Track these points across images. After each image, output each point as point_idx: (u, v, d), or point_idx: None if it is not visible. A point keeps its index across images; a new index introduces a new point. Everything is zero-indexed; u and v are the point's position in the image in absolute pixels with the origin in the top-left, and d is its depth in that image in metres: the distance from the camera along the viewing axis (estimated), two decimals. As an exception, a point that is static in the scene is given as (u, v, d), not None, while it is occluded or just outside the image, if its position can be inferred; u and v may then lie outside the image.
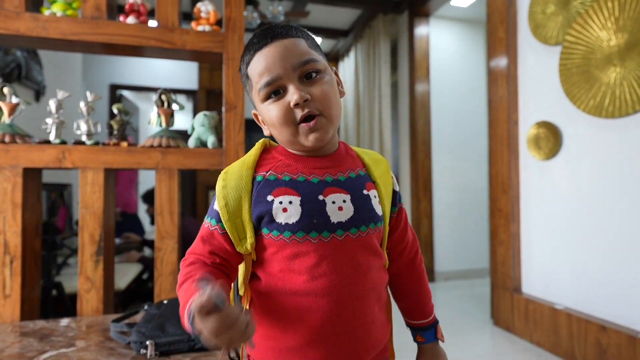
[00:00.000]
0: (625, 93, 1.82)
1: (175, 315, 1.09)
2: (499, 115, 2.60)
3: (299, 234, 0.57)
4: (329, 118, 0.60)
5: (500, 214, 2.60)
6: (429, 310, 0.76)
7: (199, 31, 1.48)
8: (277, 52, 0.58)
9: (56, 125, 1.35)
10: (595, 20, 1.96)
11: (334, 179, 0.61)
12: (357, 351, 0.60)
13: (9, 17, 1.29)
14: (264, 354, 0.61)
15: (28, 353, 0.98)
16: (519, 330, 2.41)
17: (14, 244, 1.28)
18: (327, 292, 0.57)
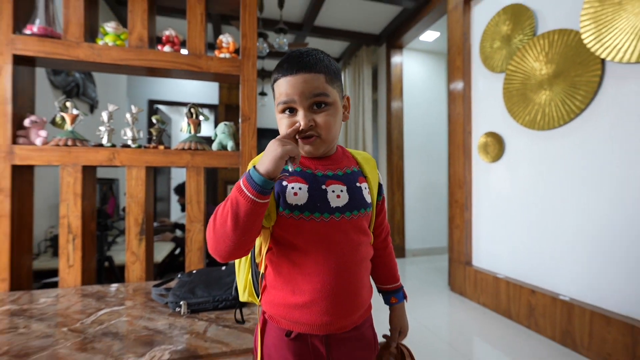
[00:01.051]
0: (552, 111, 1.84)
1: (203, 282, 1.09)
2: (457, 127, 2.61)
3: (305, 214, 0.58)
4: (324, 140, 0.60)
5: (456, 204, 2.62)
6: (398, 277, 0.78)
7: (220, 58, 1.47)
8: (298, 82, 0.57)
9: (107, 132, 1.35)
10: (530, 54, 1.97)
11: (334, 173, 0.63)
12: (350, 308, 0.61)
13: (71, 46, 1.29)
14: (276, 311, 0.62)
15: (88, 310, 1.00)
16: (469, 294, 2.43)
17: (76, 225, 1.29)
18: (327, 261, 0.58)
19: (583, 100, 1.69)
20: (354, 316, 0.62)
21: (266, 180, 0.50)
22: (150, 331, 0.86)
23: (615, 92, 1.58)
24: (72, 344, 0.79)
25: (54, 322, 0.91)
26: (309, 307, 0.58)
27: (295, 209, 0.58)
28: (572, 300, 1.72)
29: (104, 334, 0.84)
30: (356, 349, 0.63)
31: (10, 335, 0.84)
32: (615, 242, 1.57)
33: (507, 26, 2.15)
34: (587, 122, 1.70)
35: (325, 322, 0.59)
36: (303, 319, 0.59)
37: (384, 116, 4.01)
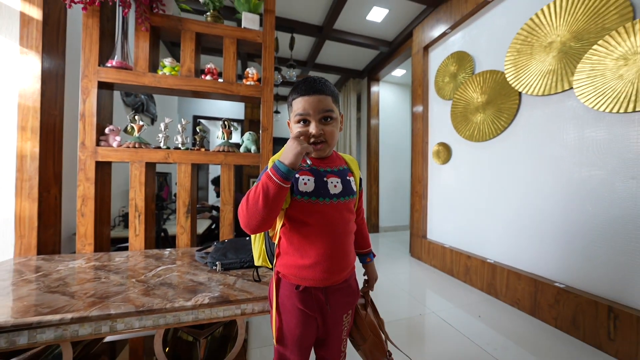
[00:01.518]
0: (485, 128, 1.85)
1: (232, 248, 1.08)
2: (418, 139, 2.60)
3: (312, 198, 0.58)
4: (329, 145, 0.61)
5: (416, 194, 2.62)
6: (370, 243, 0.78)
7: (247, 85, 1.46)
8: (313, 101, 0.57)
9: (164, 138, 1.34)
10: (470, 87, 1.97)
11: (332, 169, 0.63)
12: (342, 266, 0.61)
13: (139, 75, 1.28)
14: (288, 270, 0.61)
15: (150, 267, 1.00)
16: (424, 259, 2.45)
17: (141, 205, 1.29)
18: (327, 232, 0.59)
19: (506, 121, 1.70)
20: (344, 273, 0.62)
21: (289, 170, 0.51)
22: (194, 283, 0.86)
23: (528, 115, 1.59)
24: (138, 290, 0.80)
25: (126, 275, 0.92)
26: (314, 267, 0.59)
27: (305, 195, 0.58)
28: (495, 262, 1.75)
29: (161, 284, 0.84)
30: (345, 295, 0.64)
31: (95, 283, 0.84)
32: (525, 220, 1.59)
33: (454, 67, 2.14)
34: (509, 136, 1.71)
35: (325, 277, 0.59)
36: (309, 276, 0.59)
37: (365, 130, 3.99)
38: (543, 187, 1.50)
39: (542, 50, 1.48)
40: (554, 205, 1.45)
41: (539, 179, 1.53)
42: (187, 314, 0.73)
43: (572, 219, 1.36)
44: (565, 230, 1.39)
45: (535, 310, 1.47)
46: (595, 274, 1.26)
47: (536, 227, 1.53)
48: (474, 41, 1.98)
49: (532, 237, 1.56)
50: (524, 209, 1.60)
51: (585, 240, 1.30)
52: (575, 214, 1.35)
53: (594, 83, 1.25)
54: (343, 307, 0.64)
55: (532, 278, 1.50)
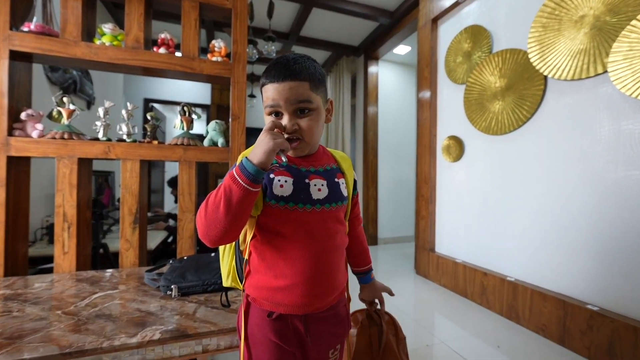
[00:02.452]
0: (504, 119, 1.90)
1: (193, 267, 1.07)
2: (424, 131, 2.64)
3: (290, 204, 0.57)
4: (307, 142, 0.60)
5: (422, 198, 2.65)
6: (370, 258, 0.80)
7: (213, 61, 1.44)
8: (284, 90, 0.56)
9: (103, 127, 1.30)
10: (487, 68, 2.02)
11: (315, 169, 0.62)
12: (326, 290, 0.61)
13: (68, 44, 1.22)
14: (259, 293, 0.61)
15: (82, 294, 0.96)
16: (432, 277, 2.48)
17: (71, 214, 1.23)
18: (307, 247, 0.58)
19: (529, 110, 1.76)
20: (330, 297, 0.62)
21: (258, 170, 0.50)
22: (142, 313, 0.84)
23: (555, 104, 1.65)
24: (65, 325, 0.76)
25: (48, 306, 0.87)
26: (290, 289, 0.58)
27: (281, 200, 0.57)
28: (517, 280, 1.80)
29: (97, 316, 0.81)
30: (331, 325, 0.64)
31: (4, 318, 0.79)
32: (551, 230, 1.64)
33: (468, 44, 2.19)
34: (532, 129, 1.76)
35: (304, 303, 0.59)
36: (284, 300, 0.59)
37: (361, 120, 4.02)
38: (572, 190, 1.56)
39: (572, 25, 1.54)
40: (584, 211, 1.50)
41: (567, 180, 1.58)
42: (130, 354, 0.71)
43: (607, 228, 1.41)
44: (599, 241, 1.44)
45: (564, 337, 1.52)
46: (635, 294, 1.31)
47: (564, 238, 1.59)
48: (492, 13, 2.04)
49: (559, 249, 1.61)
50: (550, 216, 1.65)
51: (623, 254, 1.36)
52: (610, 222, 1.40)
53: (632, 66, 1.30)
54: (328, 340, 0.63)
55: (560, 299, 1.54)
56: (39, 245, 1.77)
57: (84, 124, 1.81)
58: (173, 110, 5.36)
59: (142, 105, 4.37)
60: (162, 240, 2.25)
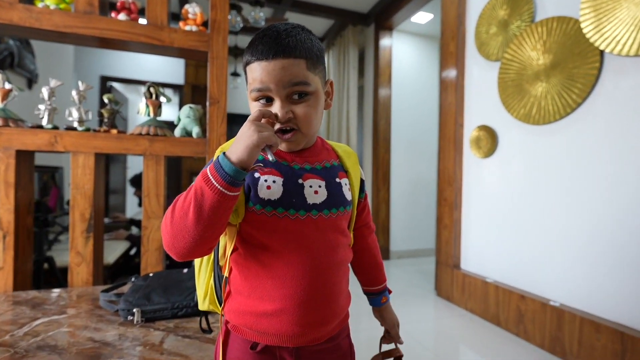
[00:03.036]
0: (548, 104, 1.90)
1: (160, 286, 1.08)
2: (448, 119, 2.65)
3: (279, 210, 0.57)
4: (304, 133, 0.59)
5: (445, 202, 2.66)
6: (385, 275, 0.81)
7: (186, 31, 1.44)
8: (274, 69, 0.54)
9: (48, 111, 1.30)
10: (527, 41, 2.02)
11: (312, 167, 0.62)
12: (324, 317, 0.60)
13: (2, 7, 1.21)
14: (241, 320, 0.60)
15: (21, 320, 0.96)
16: (456, 300, 2.49)
17: (7, 220, 1.23)
18: (301, 263, 0.57)
19: (580, 94, 1.75)
20: (329, 326, 0.61)
21: (238, 170, 0.48)
22: (97, 343, 0.84)
23: (613, 86, 1.64)
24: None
25: (-22, 335, 0.87)
26: (278, 315, 0.57)
27: (268, 205, 0.57)
28: (562, 306, 1.80)
29: (39, 347, 0.81)
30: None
31: None
32: (607, 245, 1.64)
33: (505, 10, 2.19)
34: (584, 117, 1.76)
35: (296, 333, 0.58)
36: (272, 329, 0.58)
37: (371, 104, 4.03)
38: (635, 195, 1.55)
39: (633, -11, 1.54)
40: (645, 219, 1.50)
41: (628, 183, 1.58)
42: (80, 397, 0.70)
43: (672, 239, 1.42)
44: (662, 256, 1.45)
45: (618, 374, 1.52)
46: None
47: (626, 255, 1.58)
48: (532, -26, 2.04)
49: (618, 269, 1.61)
50: (608, 227, 1.65)
51: (690, 271, 1.36)
52: (676, 233, 1.40)
53: None
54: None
55: (617, 330, 1.54)
56: (-31, 258, 1.77)
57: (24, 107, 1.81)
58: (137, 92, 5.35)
59: (97, 85, 4.37)
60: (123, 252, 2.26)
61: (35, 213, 1.48)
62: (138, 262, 2.38)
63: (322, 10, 3.80)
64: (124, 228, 2.65)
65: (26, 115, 1.43)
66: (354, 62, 4.15)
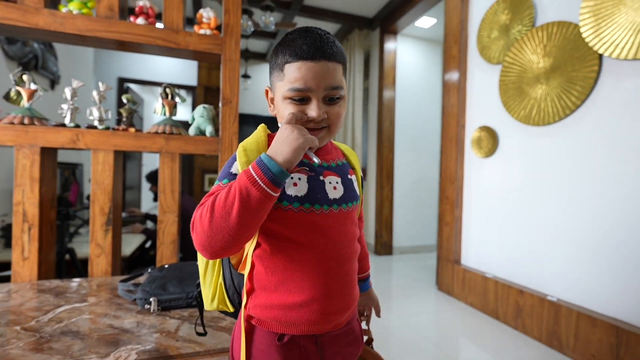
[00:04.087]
0: (548, 106, 1.89)
1: (175, 277, 1.09)
2: (450, 120, 2.64)
3: (306, 205, 0.57)
4: (331, 132, 0.61)
5: (447, 200, 2.66)
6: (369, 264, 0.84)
7: (200, 34, 1.44)
8: (320, 71, 0.55)
9: (71, 110, 1.31)
10: (528, 45, 2.00)
11: (328, 164, 0.63)
12: (347, 303, 0.61)
13: (28, 11, 1.22)
14: (269, 313, 0.59)
15: (45, 307, 0.97)
16: (457, 294, 2.49)
17: (32, 213, 1.24)
18: (325, 255, 0.58)
19: (579, 96, 1.74)
20: (348, 312, 0.62)
21: (284, 172, 0.49)
22: (116, 330, 0.84)
23: (611, 89, 1.63)
24: (25, 343, 0.76)
25: (5, 320, 0.88)
26: (308, 305, 0.57)
27: (295, 201, 0.57)
28: (559, 300, 1.79)
29: (62, 333, 0.81)
30: (346, 345, 0.64)
31: (-47, 334, 0.80)
32: (603, 242, 1.63)
33: (506, 15, 2.17)
34: (582, 119, 1.75)
35: (322, 320, 0.58)
36: (301, 319, 0.58)
37: (375, 105, 4.02)
38: (632, 194, 1.54)
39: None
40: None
41: (625, 182, 1.57)
42: (101, 379, 0.71)
43: (668, 238, 1.40)
44: (658, 254, 1.43)
45: (614, 368, 1.51)
46: (699, 317, 1.31)
47: (621, 251, 1.57)
48: (534, -20, 2.02)
49: (614, 265, 1.60)
50: (604, 224, 1.64)
51: (686, 269, 1.35)
52: (673, 231, 1.39)
53: None
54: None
55: (613, 325, 1.53)
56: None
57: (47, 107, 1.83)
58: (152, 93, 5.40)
59: (116, 86, 4.41)
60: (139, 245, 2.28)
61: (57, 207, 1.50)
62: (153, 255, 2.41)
63: (329, 15, 3.79)
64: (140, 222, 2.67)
65: (49, 114, 1.45)
66: (360, 64, 4.14)
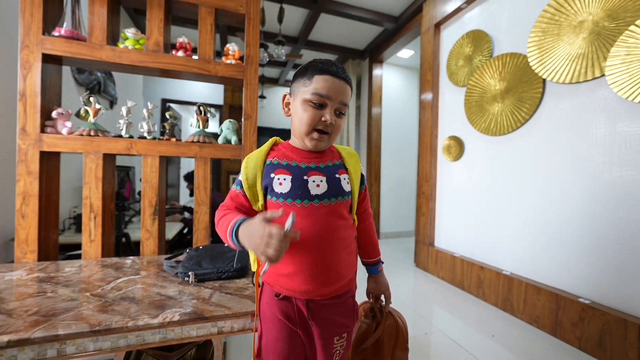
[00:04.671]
0: (503, 120, 1.88)
1: (208, 256, 1.09)
2: (426, 131, 2.63)
3: (288, 200, 0.59)
4: (331, 139, 0.63)
5: (423, 195, 2.65)
6: (379, 251, 0.80)
7: (227, 63, 1.45)
8: (339, 87, 0.59)
9: (126, 124, 1.32)
10: (487, 72, 2.00)
11: (316, 166, 0.63)
12: (327, 279, 0.61)
13: (95, 48, 1.24)
14: (268, 278, 0.64)
15: (108, 278, 0.99)
16: (431, 270, 2.49)
17: (97, 205, 1.26)
18: (307, 240, 0.59)
19: (527, 112, 1.74)
20: (332, 287, 0.62)
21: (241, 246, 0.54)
22: (162, 296, 0.85)
23: (552, 107, 1.63)
24: (94, 306, 0.78)
25: (78, 288, 0.90)
26: (292, 276, 0.60)
27: (280, 197, 0.59)
28: (512, 274, 1.79)
29: (122, 298, 0.83)
30: (336, 314, 0.64)
31: (40, 298, 0.82)
32: (545, 226, 1.63)
33: (469, 48, 2.17)
34: (530, 130, 1.74)
35: (305, 289, 0.60)
36: (288, 285, 0.61)
37: (366, 120, 4.01)
38: (568, 189, 1.54)
39: (571, 30, 1.52)
40: (579, 209, 1.49)
41: (563, 180, 1.57)
42: (153, 333, 0.72)
43: (601, 225, 1.40)
44: (592, 238, 1.43)
45: (556, 329, 1.51)
46: (626, 289, 1.31)
47: (559, 235, 1.57)
48: (493, 18, 2.01)
49: (554, 245, 1.60)
50: (546, 214, 1.64)
51: (615, 250, 1.35)
52: (604, 220, 1.39)
53: (630, 70, 1.28)
54: (333, 328, 0.64)
55: (553, 293, 1.54)
56: (68, 233, 1.82)
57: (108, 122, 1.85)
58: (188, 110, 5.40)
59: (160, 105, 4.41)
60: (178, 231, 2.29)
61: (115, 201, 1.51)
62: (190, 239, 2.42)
63: (328, 48, 3.79)
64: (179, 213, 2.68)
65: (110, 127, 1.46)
66: (353, 87, 4.13)
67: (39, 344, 0.65)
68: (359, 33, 3.47)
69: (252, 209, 0.63)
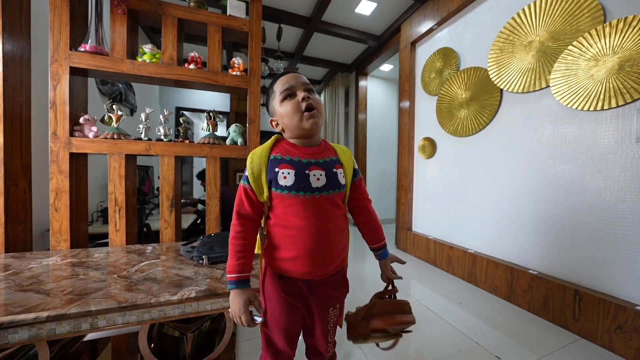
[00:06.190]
0: (468, 124, 1.91)
1: (219, 242, 1.08)
2: (404, 133, 2.64)
3: (292, 192, 0.57)
4: (320, 113, 0.60)
5: (402, 188, 2.67)
6: (382, 236, 0.74)
7: (233, 75, 1.44)
8: (294, 77, 0.61)
9: (145, 129, 1.30)
10: (455, 83, 2.02)
11: (316, 161, 0.61)
12: (325, 262, 0.60)
13: (116, 62, 1.21)
14: (271, 261, 0.62)
15: (132, 262, 0.98)
16: (409, 250, 2.51)
17: (121, 200, 1.24)
18: (308, 227, 0.58)
19: (488, 117, 1.76)
20: (329, 268, 0.62)
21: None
22: (180, 277, 0.85)
23: (508, 112, 1.65)
24: (121, 286, 0.78)
25: (106, 271, 0.89)
26: (294, 260, 0.58)
27: (285, 189, 0.57)
28: (476, 252, 1.83)
29: (145, 279, 0.83)
30: (331, 289, 0.64)
31: (73, 280, 0.81)
32: (504, 212, 1.67)
33: (440, 63, 2.18)
34: (490, 132, 1.77)
35: (306, 271, 0.59)
36: (290, 268, 0.60)
37: (353, 125, 4.00)
38: (520, 181, 1.58)
39: (522, 48, 1.54)
40: (529, 197, 1.53)
41: (517, 173, 1.60)
42: (173, 308, 0.72)
43: (546, 210, 1.44)
44: (539, 221, 1.47)
45: (511, 296, 1.56)
46: (565, 261, 1.36)
47: (513, 219, 1.61)
48: (459, 38, 2.02)
49: (509, 228, 1.64)
50: (503, 202, 1.68)
51: (556, 230, 1.39)
52: (549, 206, 1.43)
53: (568, 82, 1.32)
54: (328, 300, 0.64)
55: (509, 266, 1.58)
56: (96, 225, 1.79)
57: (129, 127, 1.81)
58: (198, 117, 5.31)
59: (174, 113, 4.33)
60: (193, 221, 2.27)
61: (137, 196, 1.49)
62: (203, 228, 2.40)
63: (320, 62, 3.76)
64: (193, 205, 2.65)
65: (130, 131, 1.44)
66: (342, 96, 4.11)
67: (74, 319, 0.65)
68: (347, 49, 3.45)
69: (258, 201, 0.60)
